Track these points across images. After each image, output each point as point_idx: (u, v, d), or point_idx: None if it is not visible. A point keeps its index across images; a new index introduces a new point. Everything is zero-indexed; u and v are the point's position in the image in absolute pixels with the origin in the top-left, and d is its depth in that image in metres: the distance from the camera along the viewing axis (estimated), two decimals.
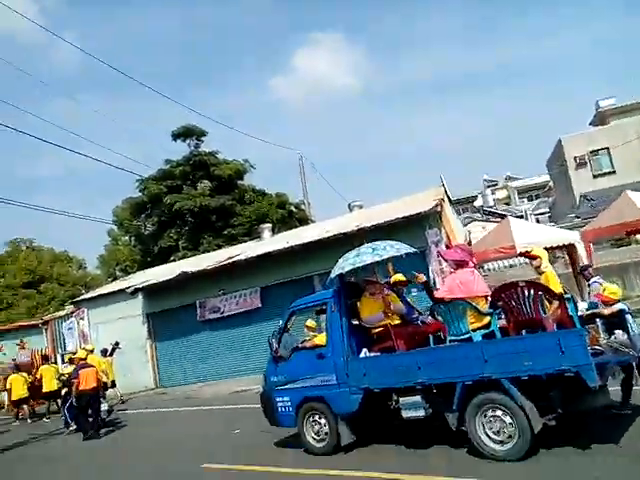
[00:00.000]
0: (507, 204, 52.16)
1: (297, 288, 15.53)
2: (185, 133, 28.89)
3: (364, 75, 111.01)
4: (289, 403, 6.98)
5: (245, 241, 23.73)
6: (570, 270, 17.44)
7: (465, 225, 27.29)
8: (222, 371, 17.16)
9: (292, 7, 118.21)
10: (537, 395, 5.25)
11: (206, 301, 17.61)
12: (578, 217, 26.29)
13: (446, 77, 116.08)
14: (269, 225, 21.81)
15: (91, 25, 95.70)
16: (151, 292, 18.67)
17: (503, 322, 5.93)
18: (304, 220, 26.77)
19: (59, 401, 14.35)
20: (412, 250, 6.88)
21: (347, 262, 6.45)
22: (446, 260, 6.66)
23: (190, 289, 17.66)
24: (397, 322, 6.65)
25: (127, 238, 34.74)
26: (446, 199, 15.88)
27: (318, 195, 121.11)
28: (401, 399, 6.08)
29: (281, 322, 7.44)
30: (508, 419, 5.21)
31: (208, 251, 24.47)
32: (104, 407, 11.96)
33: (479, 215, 39.19)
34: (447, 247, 13.66)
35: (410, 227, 13.71)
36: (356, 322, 6.78)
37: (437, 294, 6.28)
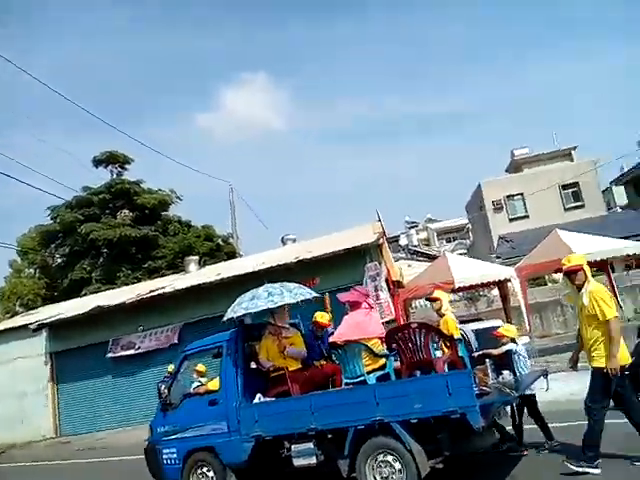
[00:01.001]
0: (427, 244, 54.15)
1: (225, 324, 14.62)
2: (108, 159, 27.19)
3: (292, 116, 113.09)
4: (175, 455, 6.50)
5: (168, 274, 22.25)
6: (498, 307, 17.86)
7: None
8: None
9: (221, 48, 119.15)
10: (426, 438, 5.20)
11: (121, 339, 15.97)
12: (498, 257, 27.35)
13: (367, 124, 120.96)
14: (195, 258, 20.59)
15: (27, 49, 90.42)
16: (58, 328, 16.77)
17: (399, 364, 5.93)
18: (232, 254, 25.70)
19: None
20: (312, 296, 6.53)
21: (240, 306, 6.22)
22: (342, 303, 6.39)
23: (104, 326, 16.01)
24: (297, 366, 6.38)
25: (32, 270, 31.61)
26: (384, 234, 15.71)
27: (247, 230, 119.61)
28: (293, 446, 5.79)
29: (172, 366, 7.06)
30: (397, 465, 5.12)
31: (126, 284, 22.65)
32: None
33: (403, 254, 40.16)
34: (386, 280, 13.38)
35: (350, 260, 13.31)
36: (254, 366, 6.52)
37: (331, 339, 6.14)
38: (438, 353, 5.92)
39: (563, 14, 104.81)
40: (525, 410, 6.35)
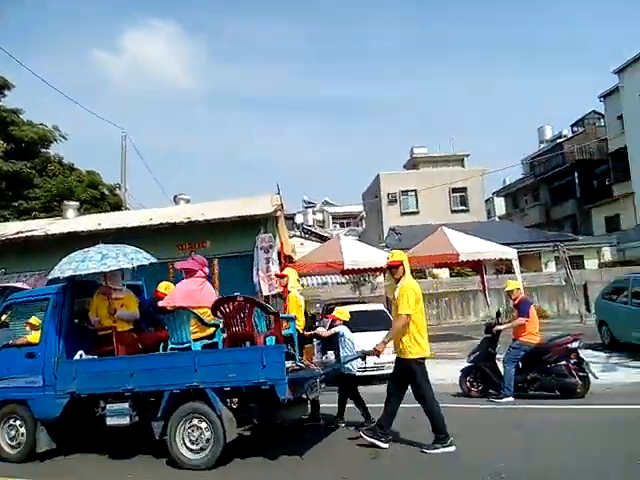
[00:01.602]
0: (322, 227, 55.18)
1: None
2: None
3: (202, 74, 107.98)
4: None
5: (40, 217, 20.19)
6: (380, 294, 18.58)
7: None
8: None
9: None
10: (238, 406, 5.67)
11: None
12: (387, 247, 28.54)
13: (283, 98, 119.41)
14: (76, 204, 18.77)
15: None
16: None
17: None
18: (118, 206, 23.91)
19: None
20: (148, 262, 6.50)
21: (69, 266, 6.04)
22: (178, 269, 6.61)
23: None
24: (128, 328, 6.48)
25: None
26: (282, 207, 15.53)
27: (137, 184, 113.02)
28: (108, 406, 5.92)
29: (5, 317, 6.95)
30: (206, 430, 5.40)
31: None
32: None
33: (297, 232, 40.47)
34: (278, 254, 13.24)
35: (244, 228, 12.95)
36: (78, 321, 6.55)
37: (160, 303, 6.24)
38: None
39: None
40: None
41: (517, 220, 42.72)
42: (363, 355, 6.64)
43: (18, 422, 6.27)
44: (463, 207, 36.71)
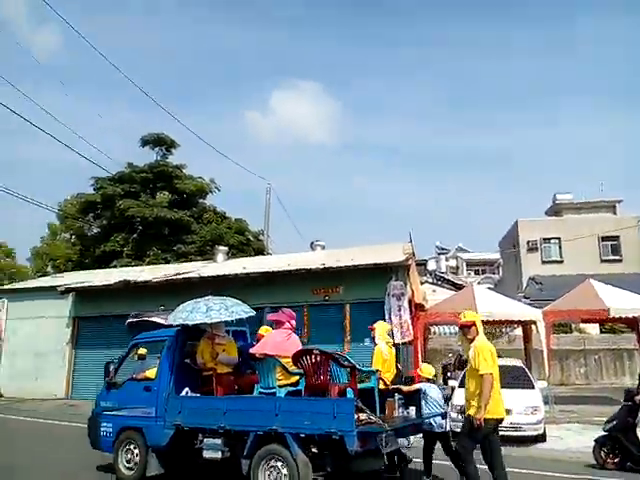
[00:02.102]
0: (455, 273, 53.49)
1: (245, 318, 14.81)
2: (155, 141, 27.91)
3: (338, 128, 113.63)
4: (111, 429, 7.33)
5: (195, 260, 22.63)
6: (518, 347, 17.53)
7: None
8: None
9: (277, 51, 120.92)
10: (314, 453, 5.89)
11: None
12: (526, 297, 26.83)
13: (413, 149, 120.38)
14: (225, 248, 20.88)
15: (83, 22, 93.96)
16: (84, 295, 17.28)
17: None
18: (261, 251, 25.95)
19: None
20: (247, 315, 7.08)
21: (180, 315, 6.83)
22: (268, 320, 7.22)
23: (127, 299, 16.34)
24: (227, 370, 7.04)
25: (68, 235, 32.62)
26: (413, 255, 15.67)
27: (278, 230, 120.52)
28: (205, 440, 6.52)
29: (144, 350, 7.84)
30: (285, 471, 5.68)
31: (154, 263, 23.13)
32: None
33: (429, 278, 39.78)
34: (409, 302, 13.30)
35: (376, 276, 13.31)
36: (188, 361, 7.22)
37: (251, 350, 6.76)
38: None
39: None
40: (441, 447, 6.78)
41: None
42: (444, 413, 6.66)
43: (134, 447, 7.01)
44: (615, 257, 33.30)
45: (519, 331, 18.18)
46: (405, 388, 7.04)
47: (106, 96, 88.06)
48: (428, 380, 7.11)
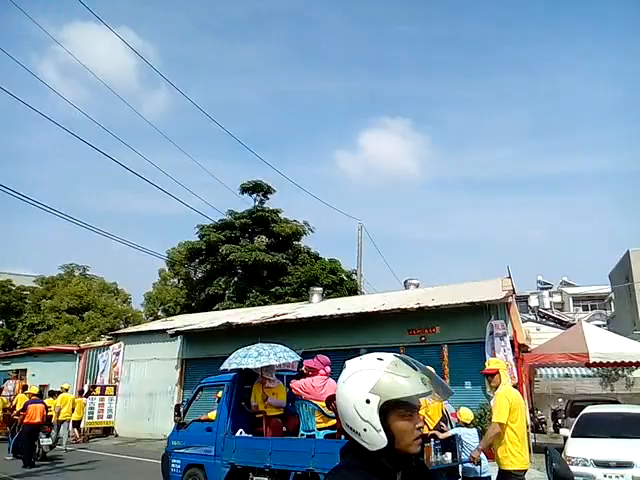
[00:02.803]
0: (560, 309, 49.86)
1: (340, 358, 14.86)
2: (253, 188, 29.54)
3: (428, 163, 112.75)
4: (179, 466, 7.99)
5: (291, 301, 23.26)
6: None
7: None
8: None
9: (365, 94, 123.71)
10: None
11: None
12: None
13: (508, 177, 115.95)
14: (320, 289, 21.28)
15: (183, 83, 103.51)
16: (191, 337, 18.31)
17: None
18: (354, 290, 26.12)
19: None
20: (293, 361, 7.85)
21: (235, 360, 7.49)
22: (305, 367, 7.58)
23: (230, 341, 17.07)
24: (276, 413, 7.54)
25: (176, 280, 35.04)
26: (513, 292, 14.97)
27: (371, 268, 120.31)
28: (255, 478, 6.92)
29: (220, 392, 8.37)
30: None
31: (253, 305, 24.08)
32: (47, 441, 12.89)
33: (532, 316, 37.46)
34: (511, 342, 12.67)
35: (474, 314, 12.87)
36: (243, 404, 7.73)
37: (292, 385, 7.32)
38: None
39: None
40: None
41: None
42: (476, 460, 6.47)
43: None
44: None
45: (638, 373, 16.54)
46: (440, 435, 7.04)
47: (209, 151, 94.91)
48: (466, 425, 7.14)
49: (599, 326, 40.87)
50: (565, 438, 9.40)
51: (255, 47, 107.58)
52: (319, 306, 18.47)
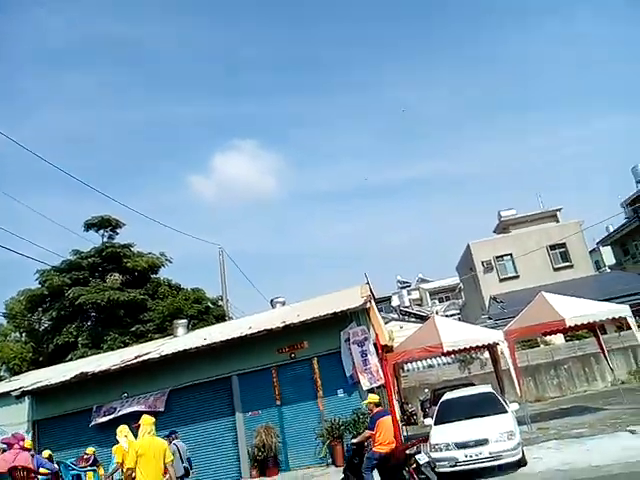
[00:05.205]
0: (419, 305, 53.93)
1: (211, 389, 14.35)
2: (100, 223, 27.44)
3: (283, 180, 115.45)
4: None
5: (155, 338, 21.92)
6: (492, 369, 17.62)
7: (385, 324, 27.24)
8: None
9: (213, 116, 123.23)
10: None
11: (103, 405, 15.47)
12: (490, 318, 27.26)
13: (363, 187, 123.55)
14: (184, 321, 20.34)
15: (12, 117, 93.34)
16: (41, 395, 16.23)
17: None
18: (222, 317, 25.44)
19: None
20: None
21: None
22: (2, 443, 9.38)
23: (88, 392, 15.54)
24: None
25: (18, 334, 31.08)
26: (372, 297, 15.70)
27: (238, 290, 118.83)
28: None
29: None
30: None
31: (112, 349, 22.25)
32: None
33: (395, 315, 39.88)
34: (375, 345, 13.22)
35: (338, 324, 13.22)
36: None
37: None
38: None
39: (564, 81, 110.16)
40: None
41: (630, 268, 39.16)
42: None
43: None
44: (566, 263, 34.51)
45: (488, 354, 18.33)
46: None
47: (40, 189, 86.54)
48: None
49: (454, 315, 44.94)
50: (430, 426, 9.99)
51: (92, 76, 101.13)
52: (185, 339, 17.63)
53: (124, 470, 7.19)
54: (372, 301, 14.62)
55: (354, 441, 9.26)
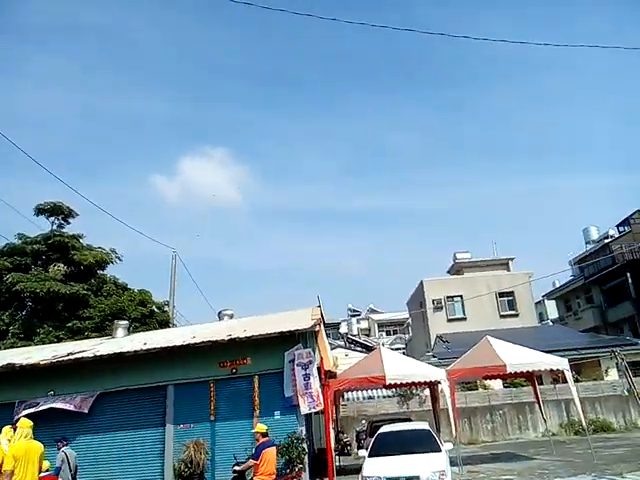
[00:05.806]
0: (367, 335, 54.22)
1: (145, 397, 13.73)
2: (51, 210, 26.24)
3: (248, 192, 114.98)
4: None
5: (92, 337, 20.98)
6: (430, 407, 17.71)
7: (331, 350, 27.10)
8: None
9: (185, 121, 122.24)
10: None
11: (28, 400, 14.55)
12: (434, 356, 27.58)
13: (322, 211, 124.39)
14: (125, 322, 19.56)
15: None
16: None
17: None
18: (166, 322, 24.66)
19: None
20: None
21: None
22: None
23: (13, 386, 14.60)
24: None
25: None
26: (322, 321, 15.57)
27: (187, 299, 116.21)
28: None
29: None
30: None
31: (44, 342, 21.13)
32: None
33: (342, 342, 39.87)
34: (318, 369, 13.06)
35: (284, 344, 12.99)
36: None
37: None
38: None
39: (518, 135, 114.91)
40: None
41: (571, 324, 40.76)
42: None
43: None
44: (512, 311, 35.58)
45: (428, 391, 18.44)
46: None
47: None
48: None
49: (399, 349, 45.30)
50: (363, 458, 9.87)
51: (62, 56, 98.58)
52: (123, 341, 16.91)
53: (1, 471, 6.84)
54: (322, 325, 14.49)
55: (237, 469, 9.32)
